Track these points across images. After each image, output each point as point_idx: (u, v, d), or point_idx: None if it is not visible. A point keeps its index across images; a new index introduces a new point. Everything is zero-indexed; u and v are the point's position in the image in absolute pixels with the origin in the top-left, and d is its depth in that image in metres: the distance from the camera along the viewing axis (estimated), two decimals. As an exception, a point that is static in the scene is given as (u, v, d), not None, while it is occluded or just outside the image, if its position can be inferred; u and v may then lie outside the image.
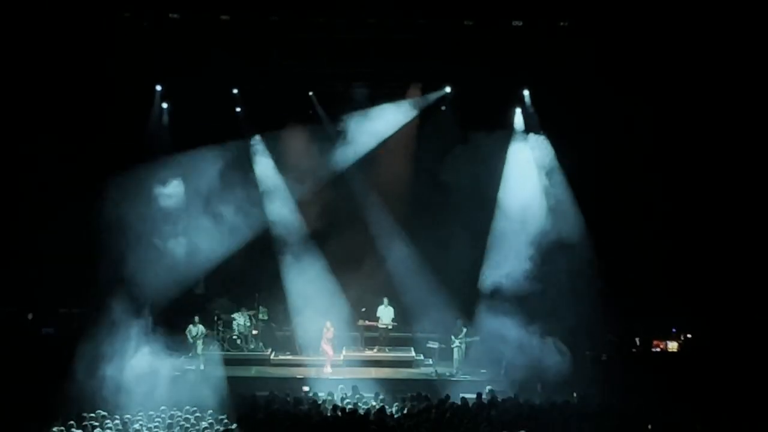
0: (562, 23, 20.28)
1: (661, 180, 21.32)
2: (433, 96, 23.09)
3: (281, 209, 23.26)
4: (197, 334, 21.31)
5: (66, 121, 21.01)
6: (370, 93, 22.97)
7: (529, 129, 22.48)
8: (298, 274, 22.58)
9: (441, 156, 22.94)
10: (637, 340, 22.13)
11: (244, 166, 23.00)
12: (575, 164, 21.69)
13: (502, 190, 22.31)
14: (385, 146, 23.32)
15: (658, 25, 19.70)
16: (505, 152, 22.55)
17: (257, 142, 23.47)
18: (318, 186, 23.21)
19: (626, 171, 21.44)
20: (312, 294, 22.13)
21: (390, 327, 22.89)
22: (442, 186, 22.54)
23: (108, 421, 14.74)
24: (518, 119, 22.76)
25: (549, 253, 21.05)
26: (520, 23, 20.27)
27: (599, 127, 20.78)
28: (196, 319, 21.48)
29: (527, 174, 22.18)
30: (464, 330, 21.28)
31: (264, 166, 23.47)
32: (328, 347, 21.67)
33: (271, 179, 23.39)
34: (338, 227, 23.22)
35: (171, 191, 21.80)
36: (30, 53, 19.83)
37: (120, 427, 14.65)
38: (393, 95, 23.05)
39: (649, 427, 14.50)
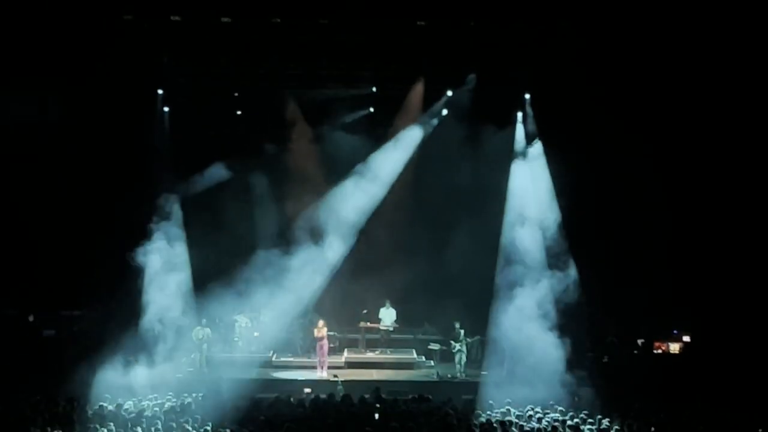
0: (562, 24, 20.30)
1: (662, 181, 21.34)
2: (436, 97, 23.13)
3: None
4: (203, 336, 21.26)
5: (66, 121, 21.03)
6: (373, 94, 23.06)
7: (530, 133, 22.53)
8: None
9: (445, 158, 22.97)
10: (639, 341, 22.10)
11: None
12: (576, 167, 21.70)
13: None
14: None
15: (657, 26, 19.75)
16: (508, 154, 22.57)
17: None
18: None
19: (626, 172, 21.46)
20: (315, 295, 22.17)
21: (391, 329, 22.89)
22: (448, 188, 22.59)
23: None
24: (520, 124, 22.78)
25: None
26: (521, 24, 20.29)
27: (600, 128, 20.81)
28: (204, 321, 21.43)
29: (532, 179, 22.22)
30: (462, 332, 21.27)
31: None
32: (320, 348, 21.23)
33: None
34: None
35: None
36: (30, 54, 19.83)
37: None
38: (395, 96, 23.08)
39: (652, 429, 14.50)
